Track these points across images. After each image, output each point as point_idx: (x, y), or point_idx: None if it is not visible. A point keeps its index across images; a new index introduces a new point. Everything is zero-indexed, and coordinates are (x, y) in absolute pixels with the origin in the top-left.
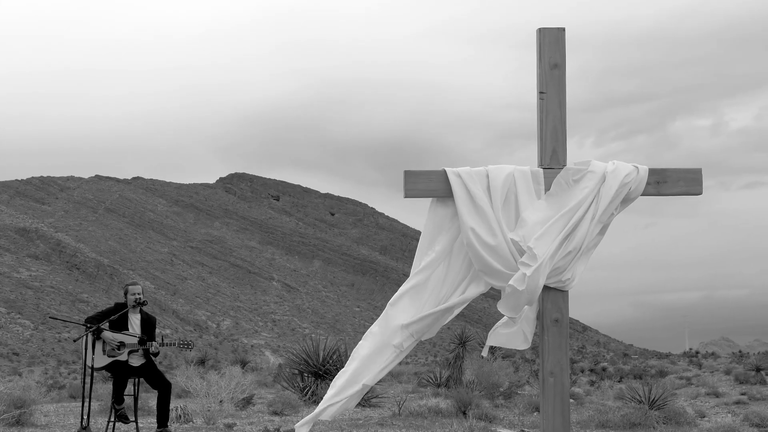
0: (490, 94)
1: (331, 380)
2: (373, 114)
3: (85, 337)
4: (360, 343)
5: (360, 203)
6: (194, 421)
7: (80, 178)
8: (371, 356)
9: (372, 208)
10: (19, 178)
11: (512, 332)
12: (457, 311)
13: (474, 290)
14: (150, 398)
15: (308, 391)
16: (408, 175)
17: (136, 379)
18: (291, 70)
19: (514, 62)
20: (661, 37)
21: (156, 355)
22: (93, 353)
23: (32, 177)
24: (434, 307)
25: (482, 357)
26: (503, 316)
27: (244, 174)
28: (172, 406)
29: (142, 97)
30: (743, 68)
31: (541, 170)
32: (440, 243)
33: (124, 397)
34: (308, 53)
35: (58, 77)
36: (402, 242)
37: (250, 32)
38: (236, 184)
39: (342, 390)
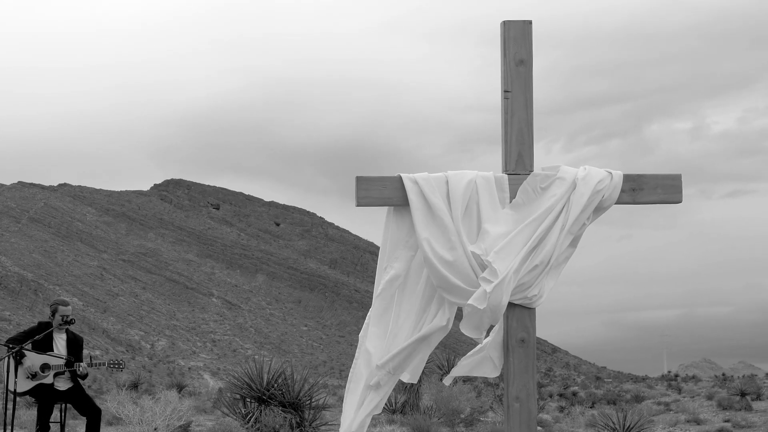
0: (451, 94)
1: (276, 406)
2: (323, 116)
3: (6, 359)
4: (348, 386)
5: (308, 212)
6: None
7: (1, 185)
8: (352, 399)
9: (321, 217)
10: None
11: (479, 359)
12: (435, 341)
13: (441, 319)
14: (78, 425)
15: (251, 417)
16: (360, 181)
17: (63, 405)
18: (233, 67)
19: (477, 59)
20: (637, 32)
21: (84, 377)
22: (15, 377)
23: None
24: (408, 338)
25: (445, 384)
26: (466, 336)
27: (181, 180)
28: None
29: (70, 97)
30: (726, 67)
31: (506, 176)
32: (399, 259)
33: (50, 424)
34: (251, 50)
35: None
36: (354, 255)
37: (187, 27)
38: (172, 191)
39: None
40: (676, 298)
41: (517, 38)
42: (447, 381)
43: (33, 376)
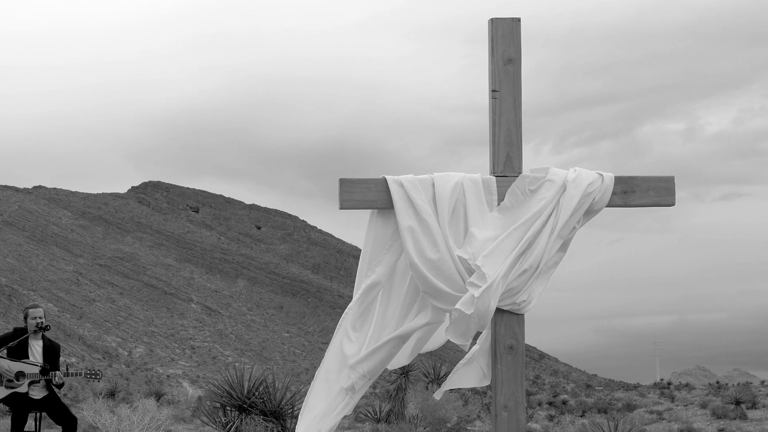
0: (437, 94)
1: (257, 415)
2: (305, 116)
3: None
4: (313, 385)
5: (290, 216)
6: None
7: None
8: (324, 403)
9: (303, 221)
10: None
11: (468, 369)
12: (415, 346)
13: (422, 319)
14: None
15: (231, 426)
16: (344, 183)
17: (38, 414)
18: (212, 66)
19: (463, 58)
20: (628, 31)
21: (60, 386)
22: None
23: None
24: (379, 339)
25: (436, 398)
26: (451, 342)
27: (159, 183)
28: None
29: (45, 97)
30: (720, 66)
31: (494, 178)
32: (382, 262)
33: None
34: (232, 48)
35: None
36: (337, 259)
37: (166, 24)
38: (150, 194)
39: None
40: (668, 304)
41: (505, 36)
42: (438, 395)
43: (9, 383)
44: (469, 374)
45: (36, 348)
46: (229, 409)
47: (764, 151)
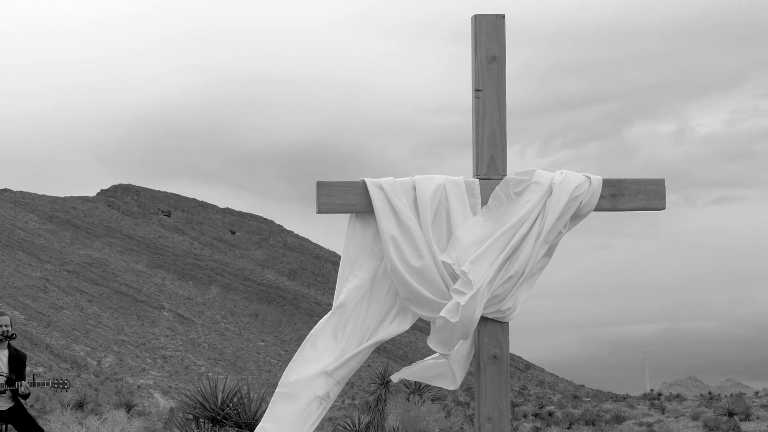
0: (418, 94)
1: (232, 427)
2: (282, 117)
3: None
4: (275, 397)
5: (265, 220)
6: None
7: None
8: (295, 413)
9: (279, 225)
10: None
11: (439, 368)
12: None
13: (400, 325)
14: None
15: None
16: (321, 186)
17: (4, 426)
18: (185, 65)
19: (446, 57)
20: (617, 29)
21: (26, 396)
22: None
23: None
24: (358, 344)
25: (393, 381)
26: (432, 352)
27: (129, 186)
28: None
29: (10, 96)
30: (712, 66)
31: (477, 181)
32: (363, 267)
33: None
34: (205, 46)
35: None
36: (314, 265)
37: (137, 22)
38: (120, 197)
39: None
40: (658, 312)
41: (489, 33)
42: (395, 378)
43: None
44: (439, 375)
45: (1, 357)
46: (202, 421)
47: (758, 153)
